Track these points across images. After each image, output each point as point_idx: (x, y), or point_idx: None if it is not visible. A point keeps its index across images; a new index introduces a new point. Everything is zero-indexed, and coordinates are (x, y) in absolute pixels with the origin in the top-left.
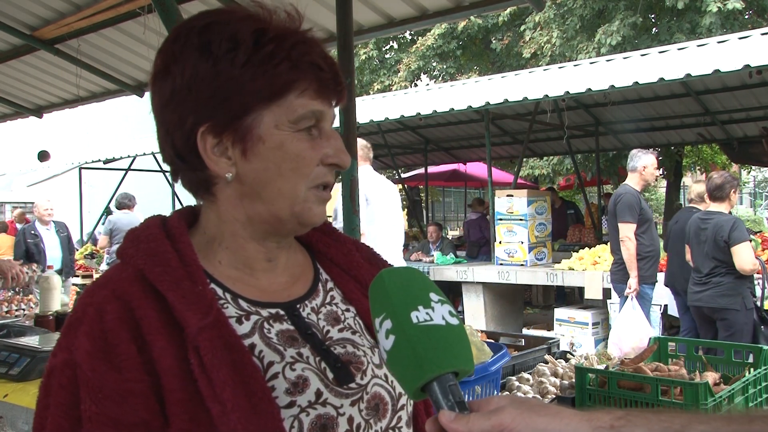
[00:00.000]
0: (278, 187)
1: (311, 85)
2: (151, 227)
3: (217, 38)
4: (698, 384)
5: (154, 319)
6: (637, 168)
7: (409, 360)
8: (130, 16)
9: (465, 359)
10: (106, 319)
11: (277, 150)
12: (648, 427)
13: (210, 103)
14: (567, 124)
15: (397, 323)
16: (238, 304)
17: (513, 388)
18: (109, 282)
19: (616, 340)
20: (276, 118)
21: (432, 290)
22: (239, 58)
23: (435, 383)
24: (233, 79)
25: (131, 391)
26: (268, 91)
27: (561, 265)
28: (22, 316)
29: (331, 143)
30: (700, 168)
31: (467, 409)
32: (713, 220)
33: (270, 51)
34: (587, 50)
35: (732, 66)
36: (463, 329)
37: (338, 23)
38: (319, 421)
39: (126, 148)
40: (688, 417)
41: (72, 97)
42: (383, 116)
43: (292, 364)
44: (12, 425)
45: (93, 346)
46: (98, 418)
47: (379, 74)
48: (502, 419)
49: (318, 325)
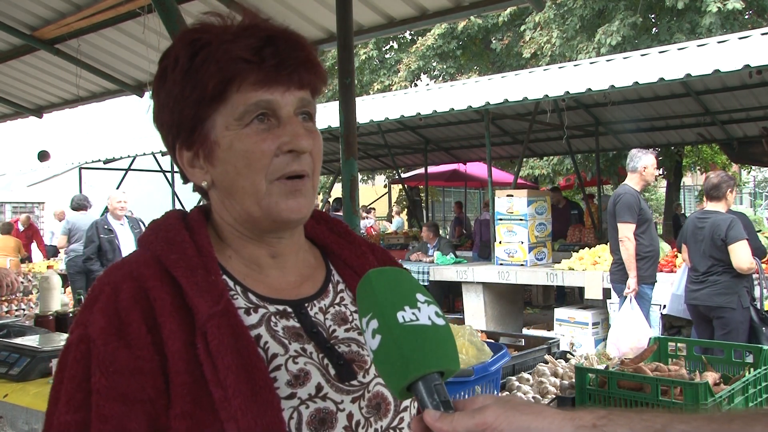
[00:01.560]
0: (241, 185)
1: (247, 78)
2: (171, 218)
3: (168, 61)
4: (698, 384)
5: (166, 302)
6: (637, 168)
7: (395, 359)
8: (130, 16)
9: (450, 359)
10: (120, 298)
11: (229, 150)
12: (630, 426)
13: (173, 121)
14: (567, 124)
15: (383, 323)
16: (248, 297)
17: (513, 388)
18: (126, 264)
19: (615, 340)
20: (225, 120)
21: (419, 291)
22: (178, 72)
23: (420, 383)
24: (179, 94)
25: (140, 369)
26: (205, 95)
27: (561, 265)
28: (22, 316)
29: (287, 130)
30: (700, 168)
31: (452, 408)
32: (710, 219)
33: (202, 58)
34: (587, 50)
35: (732, 66)
36: (449, 330)
37: (338, 23)
38: (318, 414)
39: (126, 148)
40: (669, 416)
41: (72, 97)
42: (383, 116)
43: (295, 357)
44: (12, 425)
45: (107, 322)
46: (107, 391)
47: (379, 74)
48: (485, 418)
49: (324, 324)
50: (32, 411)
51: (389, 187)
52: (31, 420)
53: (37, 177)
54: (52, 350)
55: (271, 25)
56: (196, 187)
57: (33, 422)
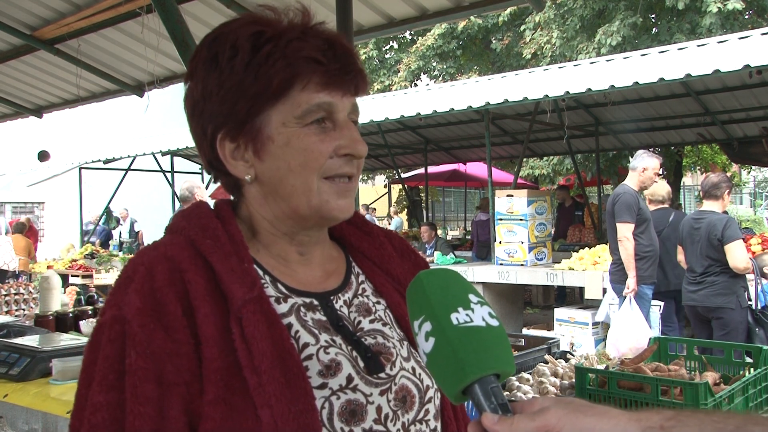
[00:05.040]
0: (291, 183)
1: (312, 78)
2: (201, 207)
3: (222, 48)
4: (698, 384)
5: (201, 286)
6: (636, 168)
7: (450, 362)
8: (129, 16)
9: (506, 361)
10: (156, 278)
11: (285, 147)
12: (700, 427)
13: (221, 111)
14: (567, 124)
15: (437, 325)
16: (277, 287)
17: (513, 388)
18: (160, 245)
19: (614, 340)
20: (283, 117)
21: (471, 291)
22: (239, 63)
23: (477, 385)
24: (236, 85)
25: (177, 352)
26: (268, 91)
27: (561, 265)
28: (22, 316)
29: (344, 134)
30: (700, 168)
31: (510, 411)
32: (706, 219)
33: (267, 52)
34: (587, 50)
35: (732, 66)
36: (503, 330)
37: (338, 23)
38: (349, 405)
39: (126, 148)
40: (742, 418)
41: (72, 97)
42: (383, 116)
43: (326, 347)
44: (12, 425)
45: (143, 303)
46: (142, 372)
47: (379, 74)
48: (547, 420)
49: (349, 317)
50: (32, 411)
51: (389, 187)
52: (31, 420)
53: (37, 177)
54: (52, 350)
55: (327, 29)
56: (228, 180)
57: (33, 422)
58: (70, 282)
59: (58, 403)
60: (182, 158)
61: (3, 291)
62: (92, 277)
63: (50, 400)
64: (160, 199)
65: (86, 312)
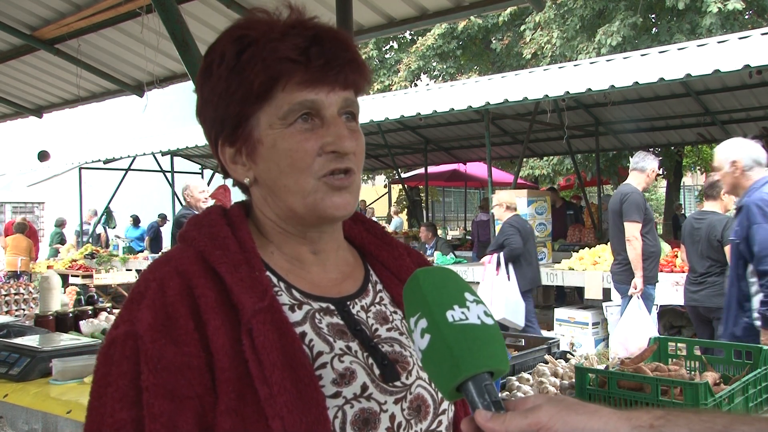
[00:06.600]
0: (284, 183)
1: (292, 78)
2: (212, 214)
3: (214, 56)
4: (698, 384)
5: (211, 299)
6: (646, 169)
7: (444, 359)
8: (129, 16)
9: (500, 359)
10: (167, 294)
11: (273, 149)
12: (689, 426)
13: (217, 117)
14: (567, 124)
15: (432, 322)
16: (292, 293)
17: (513, 388)
18: (171, 260)
19: (623, 339)
20: (269, 119)
21: (467, 290)
22: (224, 69)
23: (470, 383)
24: (224, 90)
25: (188, 365)
26: (251, 94)
27: (561, 265)
28: (22, 316)
29: (331, 130)
30: (700, 168)
31: (503, 408)
32: (706, 219)
33: (249, 55)
34: (587, 50)
35: (732, 66)
36: (497, 329)
37: (338, 23)
38: (362, 414)
39: (126, 148)
40: (730, 418)
41: (72, 97)
42: (383, 116)
43: (341, 356)
44: (12, 425)
45: (155, 319)
46: (156, 389)
47: (379, 74)
48: (539, 417)
49: (367, 322)
50: (32, 411)
51: (389, 187)
52: (31, 420)
53: (37, 177)
54: (52, 350)
55: (317, 24)
56: (238, 182)
57: (33, 422)
58: (70, 282)
59: (58, 403)
60: (182, 158)
61: (3, 291)
62: (92, 277)
63: (50, 400)
64: (160, 199)
65: (86, 312)
